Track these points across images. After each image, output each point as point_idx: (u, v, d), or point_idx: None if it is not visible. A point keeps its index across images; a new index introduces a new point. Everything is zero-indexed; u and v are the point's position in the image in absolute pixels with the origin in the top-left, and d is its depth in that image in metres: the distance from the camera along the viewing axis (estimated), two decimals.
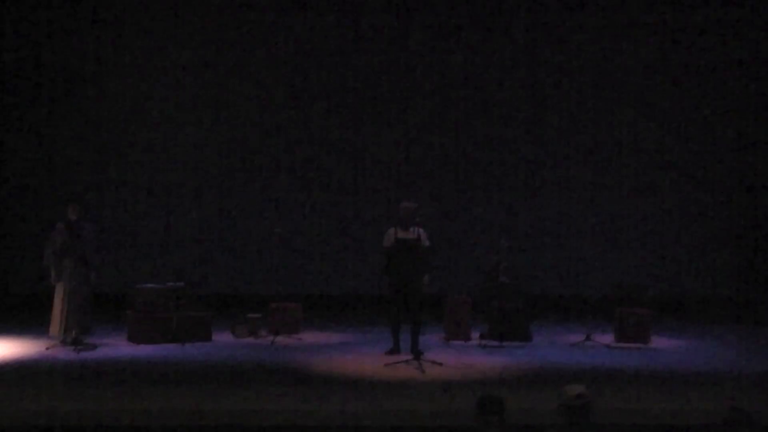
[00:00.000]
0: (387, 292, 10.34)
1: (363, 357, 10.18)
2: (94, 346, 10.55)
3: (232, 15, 14.43)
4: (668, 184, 14.52)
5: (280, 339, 11.15)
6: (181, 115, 14.47)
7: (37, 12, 14.27)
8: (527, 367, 9.69)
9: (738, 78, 14.46)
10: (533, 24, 14.45)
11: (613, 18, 14.44)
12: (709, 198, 14.50)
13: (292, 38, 14.44)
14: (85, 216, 11.05)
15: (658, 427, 7.58)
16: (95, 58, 14.38)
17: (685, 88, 14.48)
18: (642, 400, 8.15)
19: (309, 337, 11.55)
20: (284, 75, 14.48)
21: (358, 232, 14.28)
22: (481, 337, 11.21)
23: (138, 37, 14.40)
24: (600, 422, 4.98)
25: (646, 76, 14.47)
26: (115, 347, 10.68)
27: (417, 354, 9.72)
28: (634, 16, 14.43)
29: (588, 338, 11.14)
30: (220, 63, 14.45)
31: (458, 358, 10.03)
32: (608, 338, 11.27)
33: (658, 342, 11.30)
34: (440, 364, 9.56)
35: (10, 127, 14.36)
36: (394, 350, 10.27)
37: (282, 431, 7.48)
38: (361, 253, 14.05)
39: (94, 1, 14.36)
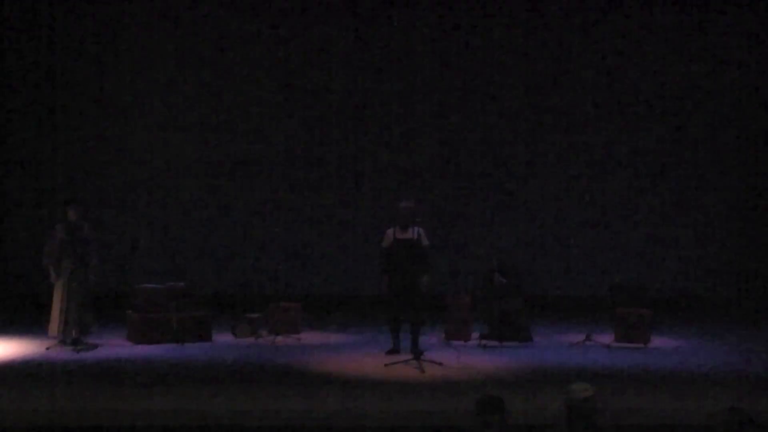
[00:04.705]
0: (386, 292, 10.34)
1: (363, 357, 10.18)
2: (94, 346, 10.55)
3: (231, 15, 14.42)
4: (668, 184, 14.52)
5: (280, 339, 11.16)
6: (181, 114, 14.46)
7: (37, 12, 14.26)
8: (527, 367, 9.69)
9: (738, 78, 14.46)
10: (533, 24, 14.44)
11: (613, 18, 14.43)
12: (709, 198, 14.50)
13: (292, 38, 14.43)
14: (85, 216, 11.05)
15: (658, 427, 7.58)
16: (95, 58, 14.37)
17: (685, 88, 14.48)
18: (642, 400, 8.15)
19: (309, 337, 11.55)
20: (284, 74, 14.46)
21: (358, 232, 14.27)
22: (481, 337, 11.20)
23: (138, 37, 14.40)
24: (601, 422, 4.97)
25: (646, 76, 14.46)
26: (115, 347, 10.68)
27: (417, 354, 9.72)
28: (634, 16, 14.43)
29: (588, 338, 11.14)
30: (220, 63, 14.44)
31: (458, 358, 10.02)
32: (608, 338, 11.26)
33: (658, 342, 11.30)
34: (440, 364, 9.56)
35: (10, 128, 14.35)
36: (394, 350, 10.27)
37: (282, 431, 7.48)
38: (361, 253, 14.04)
39: (95, 1, 14.35)
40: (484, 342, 11.05)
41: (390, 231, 10.34)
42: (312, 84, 14.46)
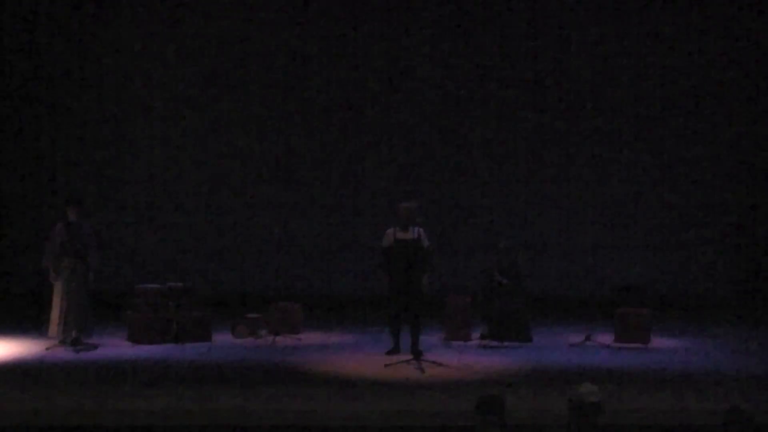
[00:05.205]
0: (387, 292, 10.33)
1: (363, 357, 10.18)
2: (94, 346, 10.54)
3: (231, 15, 14.42)
4: (668, 184, 14.52)
5: (280, 339, 11.15)
6: (181, 114, 14.46)
7: (37, 12, 14.26)
8: (527, 367, 9.69)
9: (738, 78, 14.46)
10: (534, 23, 14.44)
11: (613, 17, 14.43)
12: (709, 198, 14.50)
13: (292, 38, 14.44)
14: (85, 216, 11.05)
15: (658, 427, 7.58)
16: (95, 58, 14.39)
17: (685, 88, 14.48)
18: (642, 400, 8.15)
19: (309, 337, 11.54)
20: (284, 74, 14.47)
21: (358, 232, 14.27)
22: (481, 337, 11.20)
23: (138, 37, 14.40)
24: (602, 422, 4.97)
25: (646, 76, 14.46)
26: (115, 347, 10.68)
27: (417, 354, 9.72)
28: (634, 16, 14.43)
29: (588, 338, 11.14)
30: (220, 63, 14.45)
31: (458, 358, 10.02)
32: (608, 338, 11.26)
33: (658, 342, 11.29)
34: (440, 364, 9.56)
35: (10, 127, 14.36)
36: (394, 350, 10.27)
37: (282, 431, 7.48)
38: (361, 253, 14.04)
39: (95, 1, 14.36)
40: (484, 342, 11.05)
41: (390, 231, 10.34)
42: (312, 83, 14.45)
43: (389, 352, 10.24)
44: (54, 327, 10.67)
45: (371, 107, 14.52)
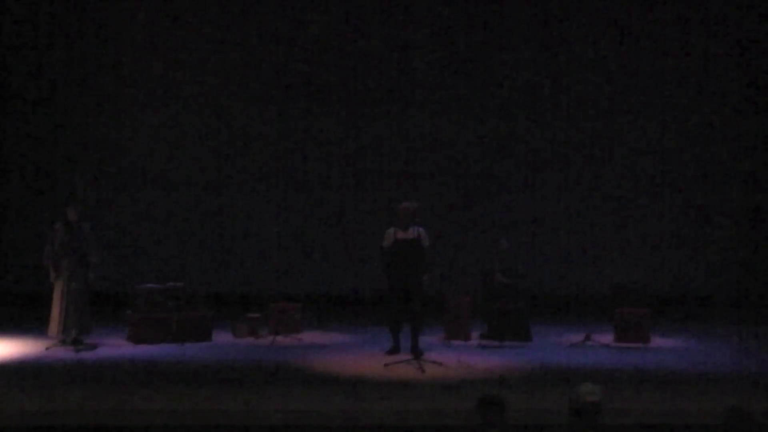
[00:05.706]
0: (387, 292, 10.34)
1: (363, 357, 10.18)
2: (94, 346, 10.55)
3: (231, 13, 14.42)
4: (668, 184, 14.52)
5: (280, 339, 11.16)
6: (180, 114, 14.46)
7: (37, 12, 14.26)
8: (527, 367, 9.69)
9: (738, 78, 14.46)
10: (534, 23, 14.44)
11: (613, 17, 14.44)
12: (709, 198, 14.50)
13: (291, 36, 14.43)
14: (85, 216, 11.05)
15: (658, 427, 7.58)
16: (95, 58, 14.38)
17: (685, 88, 14.48)
18: (642, 400, 8.15)
19: (309, 337, 11.55)
20: (284, 74, 14.47)
21: (358, 232, 14.26)
22: (481, 337, 11.21)
23: (137, 37, 14.40)
24: (601, 422, 4.97)
25: (646, 76, 14.47)
26: (115, 347, 10.68)
27: (417, 354, 9.72)
28: (634, 16, 14.43)
29: (588, 338, 11.14)
30: (220, 62, 14.44)
31: (458, 358, 10.02)
32: (608, 338, 11.26)
33: (658, 342, 11.30)
34: (440, 364, 9.56)
35: (10, 127, 14.35)
36: (394, 350, 10.27)
37: (282, 431, 7.48)
38: (361, 253, 14.04)
39: (95, 1, 14.36)
40: (484, 342, 11.06)
41: (391, 231, 10.34)
42: (312, 83, 14.45)
43: (389, 352, 10.24)
44: (54, 327, 10.68)
45: (371, 106, 14.51)
